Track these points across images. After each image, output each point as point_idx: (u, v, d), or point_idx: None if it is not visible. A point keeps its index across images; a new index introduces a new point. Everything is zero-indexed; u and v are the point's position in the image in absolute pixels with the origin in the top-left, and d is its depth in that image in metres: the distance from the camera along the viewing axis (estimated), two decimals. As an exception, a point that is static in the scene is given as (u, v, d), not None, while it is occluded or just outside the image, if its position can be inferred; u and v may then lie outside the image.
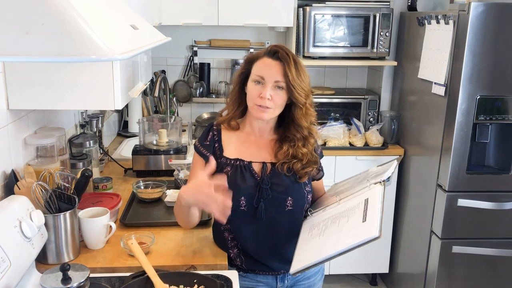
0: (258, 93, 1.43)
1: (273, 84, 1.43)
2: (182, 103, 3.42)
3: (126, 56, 0.93)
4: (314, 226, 1.45)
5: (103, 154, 2.40)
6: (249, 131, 1.55)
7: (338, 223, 1.37)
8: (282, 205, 1.49)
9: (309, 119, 1.50)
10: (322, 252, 1.30)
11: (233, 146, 1.53)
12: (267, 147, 1.54)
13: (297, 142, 1.50)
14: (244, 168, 1.48)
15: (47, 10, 0.84)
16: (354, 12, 2.93)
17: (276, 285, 1.58)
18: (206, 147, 1.52)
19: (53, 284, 1.13)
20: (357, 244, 1.24)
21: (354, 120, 3.05)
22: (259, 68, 1.45)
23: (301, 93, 1.44)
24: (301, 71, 1.45)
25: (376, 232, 1.22)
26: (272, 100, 1.43)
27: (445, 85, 2.43)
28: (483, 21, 2.25)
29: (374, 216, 1.28)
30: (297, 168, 1.49)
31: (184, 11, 2.92)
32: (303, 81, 1.45)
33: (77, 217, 1.49)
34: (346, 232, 1.30)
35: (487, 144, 2.50)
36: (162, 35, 1.58)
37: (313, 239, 1.40)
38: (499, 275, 2.59)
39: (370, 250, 3.08)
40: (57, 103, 1.47)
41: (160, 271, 1.32)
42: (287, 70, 1.41)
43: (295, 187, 1.51)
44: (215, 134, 1.54)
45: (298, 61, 1.46)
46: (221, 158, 1.50)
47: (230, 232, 1.52)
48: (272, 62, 1.44)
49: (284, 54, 1.43)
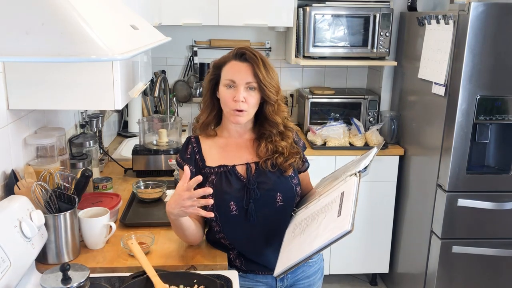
0: (232, 97, 1.44)
1: (245, 86, 1.44)
2: (182, 103, 3.42)
3: (126, 56, 0.93)
4: (297, 225, 1.45)
5: (103, 154, 2.40)
6: (227, 135, 1.56)
7: (317, 220, 1.35)
8: (272, 202, 1.49)
9: (282, 115, 1.52)
10: (301, 251, 1.28)
11: (214, 153, 1.53)
12: (248, 148, 1.55)
13: (274, 137, 1.52)
14: (229, 173, 1.49)
15: (47, 10, 0.84)
16: (354, 12, 2.93)
17: (276, 285, 1.58)
18: (188, 160, 1.53)
19: (53, 284, 1.13)
20: (332, 240, 1.22)
21: (354, 120, 3.05)
22: (228, 72, 1.46)
23: (272, 90, 1.46)
24: (270, 69, 1.47)
25: (348, 226, 1.19)
26: (246, 101, 1.44)
27: (445, 85, 2.43)
28: (483, 21, 2.25)
29: (347, 210, 1.26)
30: (280, 161, 1.50)
31: (184, 11, 2.92)
32: (273, 79, 1.47)
33: (77, 217, 1.49)
34: (323, 229, 1.29)
35: (487, 144, 2.50)
36: (162, 35, 1.58)
37: (294, 238, 1.39)
38: (499, 275, 2.59)
39: (370, 250, 3.09)
40: (57, 103, 1.47)
41: (160, 271, 1.32)
42: (257, 70, 1.43)
43: (282, 182, 1.51)
44: (194, 146, 1.54)
45: (265, 60, 1.47)
46: (205, 168, 1.51)
47: (225, 239, 1.53)
48: (241, 65, 1.45)
49: (251, 55, 1.45)
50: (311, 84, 3.44)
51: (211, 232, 1.56)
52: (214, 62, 1.53)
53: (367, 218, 3.03)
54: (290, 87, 3.43)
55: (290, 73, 3.42)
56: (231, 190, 1.47)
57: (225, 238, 1.53)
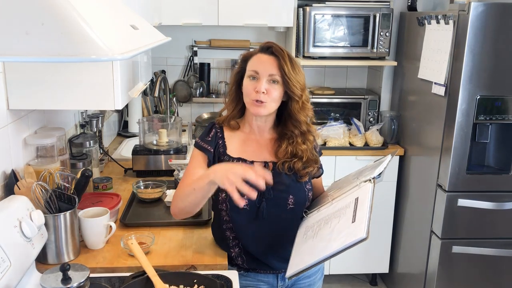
0: (254, 88, 1.44)
1: (268, 78, 1.44)
2: (182, 103, 3.42)
3: (126, 56, 0.93)
4: (309, 228, 1.45)
5: (103, 154, 2.40)
6: (249, 131, 1.56)
7: (330, 224, 1.35)
8: (284, 204, 1.50)
9: (307, 113, 1.51)
10: (315, 254, 1.28)
11: (235, 145, 1.53)
12: (267, 147, 1.54)
13: (296, 138, 1.50)
14: None
15: (47, 10, 0.84)
16: (354, 12, 2.93)
17: (277, 284, 1.58)
18: (208, 142, 1.52)
19: (53, 284, 1.13)
20: (346, 246, 1.22)
21: (354, 120, 3.05)
22: (253, 63, 1.47)
23: (297, 85, 1.45)
24: (296, 66, 1.47)
25: (363, 233, 1.19)
26: (267, 94, 1.43)
27: (445, 85, 2.43)
28: (483, 21, 2.25)
29: (362, 217, 1.25)
30: (298, 167, 1.49)
31: (184, 11, 2.92)
32: (298, 74, 1.46)
33: (77, 217, 1.49)
34: (337, 234, 1.28)
35: (487, 144, 2.50)
36: (162, 35, 1.58)
37: (307, 241, 1.39)
38: (499, 275, 2.59)
39: (370, 250, 3.09)
40: (57, 103, 1.47)
41: (160, 271, 1.32)
42: (282, 63, 1.43)
43: (296, 186, 1.51)
44: (218, 131, 1.54)
45: (292, 57, 1.47)
46: (224, 156, 1.50)
47: (232, 231, 1.52)
48: (266, 57, 1.45)
49: (278, 49, 1.45)
50: (311, 84, 3.44)
51: (218, 221, 1.54)
52: (242, 55, 1.53)
53: (367, 218, 3.03)
54: (290, 87, 3.43)
55: (290, 73, 3.41)
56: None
57: (231, 230, 1.51)
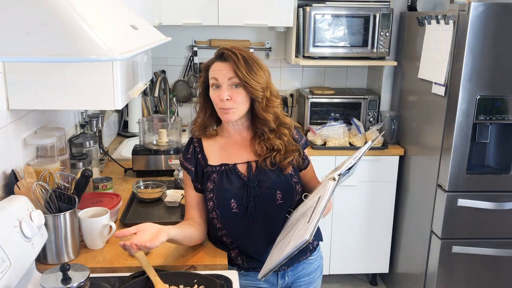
0: (218, 97, 1.46)
1: (228, 83, 1.45)
2: (182, 103, 3.42)
3: (126, 56, 0.93)
4: (286, 227, 1.45)
5: (103, 154, 2.40)
6: (228, 135, 1.58)
7: (297, 225, 1.33)
8: (272, 200, 1.51)
9: (272, 111, 1.50)
10: (279, 254, 1.26)
11: (216, 153, 1.55)
12: (247, 147, 1.56)
13: (267, 135, 1.51)
14: (230, 171, 1.51)
15: (47, 10, 0.84)
16: (354, 12, 2.93)
17: (277, 282, 1.59)
18: (189, 160, 1.55)
19: (53, 284, 1.13)
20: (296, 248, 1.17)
21: (354, 120, 3.05)
22: (212, 72, 1.48)
23: (256, 87, 1.45)
24: (253, 65, 1.45)
25: (307, 235, 1.14)
26: (232, 99, 1.45)
27: (445, 85, 2.43)
28: (483, 21, 2.25)
29: (314, 217, 1.21)
30: (278, 159, 1.50)
31: (184, 11, 2.92)
32: (257, 75, 1.45)
33: (77, 217, 1.49)
34: (296, 234, 1.26)
35: (487, 144, 2.50)
36: (162, 35, 1.58)
37: (280, 241, 1.39)
38: (499, 275, 2.59)
39: (370, 250, 3.09)
40: (57, 103, 1.47)
41: (160, 271, 1.32)
42: (236, 68, 1.43)
43: (282, 180, 1.52)
44: (196, 146, 1.56)
45: (248, 57, 1.46)
46: (207, 167, 1.53)
47: (227, 237, 1.55)
48: (222, 64, 1.46)
49: (229, 53, 1.45)
50: (311, 84, 3.44)
51: (213, 230, 1.57)
52: (202, 65, 1.55)
53: (367, 218, 3.04)
54: (290, 87, 3.43)
55: (290, 73, 3.42)
56: (231, 188, 1.49)
57: (227, 236, 1.54)
